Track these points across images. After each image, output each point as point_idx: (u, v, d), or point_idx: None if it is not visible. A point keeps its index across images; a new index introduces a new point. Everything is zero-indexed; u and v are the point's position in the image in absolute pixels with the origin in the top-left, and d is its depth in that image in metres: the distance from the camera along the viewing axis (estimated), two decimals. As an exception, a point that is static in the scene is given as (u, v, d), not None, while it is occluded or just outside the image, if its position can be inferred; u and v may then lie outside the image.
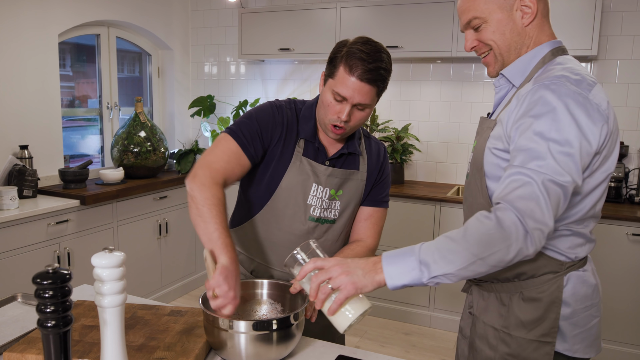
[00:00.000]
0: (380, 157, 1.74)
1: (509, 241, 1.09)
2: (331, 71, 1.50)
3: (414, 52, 3.74)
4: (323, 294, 1.18)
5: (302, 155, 1.61)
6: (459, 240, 1.12)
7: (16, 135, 3.40)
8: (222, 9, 4.74)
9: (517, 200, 1.10)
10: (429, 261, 1.12)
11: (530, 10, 1.28)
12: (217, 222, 1.39)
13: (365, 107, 1.52)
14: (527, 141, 1.16)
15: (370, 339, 3.59)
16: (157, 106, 4.84)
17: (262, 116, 1.59)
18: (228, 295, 1.29)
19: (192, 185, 1.45)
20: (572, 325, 1.31)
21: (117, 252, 1.04)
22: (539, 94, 1.19)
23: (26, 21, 3.39)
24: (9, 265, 2.90)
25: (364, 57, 1.44)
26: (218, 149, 1.53)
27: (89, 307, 1.51)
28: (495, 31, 1.30)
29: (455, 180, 4.14)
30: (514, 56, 1.33)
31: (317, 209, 1.62)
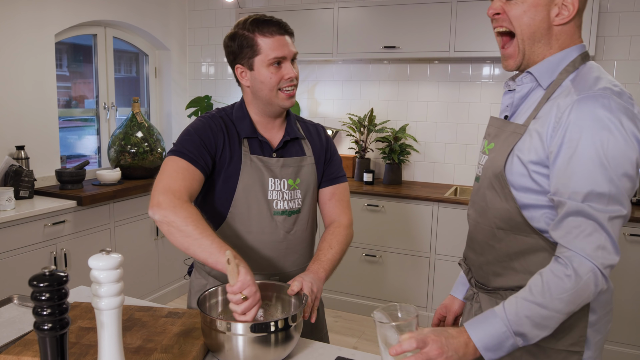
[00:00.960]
0: (322, 137, 1.78)
1: (590, 288, 1.12)
2: (251, 52, 1.55)
3: (412, 52, 3.74)
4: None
5: (250, 154, 1.61)
6: (549, 305, 1.12)
7: (13, 136, 3.40)
8: (220, 9, 4.73)
9: (587, 247, 1.11)
10: (524, 332, 1.13)
11: (568, 12, 1.22)
12: (209, 235, 1.37)
13: (295, 58, 1.61)
14: (584, 169, 1.13)
15: (367, 339, 3.59)
16: (154, 106, 4.84)
17: (199, 129, 1.59)
18: (256, 296, 1.30)
19: (161, 212, 1.39)
20: (596, 332, 1.29)
21: (114, 253, 1.04)
22: (587, 108, 1.14)
23: (23, 21, 3.38)
24: (5, 266, 2.89)
25: (267, 19, 1.55)
26: (169, 171, 1.49)
27: (86, 309, 1.50)
28: (527, 12, 1.23)
29: (453, 180, 4.14)
30: (535, 51, 1.26)
31: (280, 202, 1.63)
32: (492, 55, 3.54)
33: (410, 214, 3.69)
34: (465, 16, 3.55)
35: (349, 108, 4.40)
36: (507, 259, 1.31)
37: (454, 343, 1.14)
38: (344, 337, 3.59)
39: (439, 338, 1.13)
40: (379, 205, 3.75)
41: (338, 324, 3.79)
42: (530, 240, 1.26)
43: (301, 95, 4.52)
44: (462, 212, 3.53)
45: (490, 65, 3.92)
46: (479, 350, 1.14)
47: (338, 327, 3.74)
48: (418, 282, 3.75)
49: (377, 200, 3.75)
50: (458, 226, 3.56)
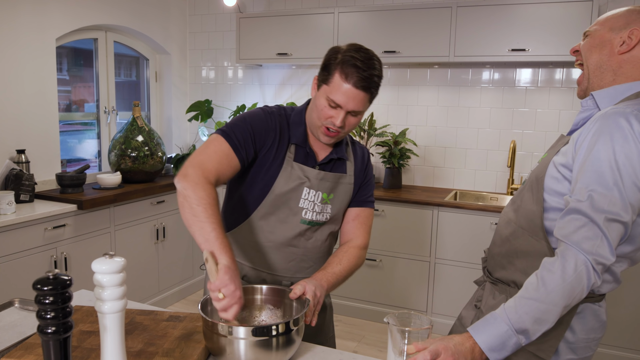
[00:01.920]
0: (365, 160, 1.79)
1: (582, 282, 1.16)
2: (325, 78, 1.53)
3: (412, 57, 3.76)
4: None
5: (294, 161, 1.62)
6: (545, 299, 1.17)
7: (13, 140, 3.40)
8: (220, 13, 4.75)
9: (582, 242, 1.16)
10: (525, 328, 1.17)
11: (631, 41, 1.30)
12: (213, 222, 1.39)
13: (358, 113, 1.55)
14: (593, 169, 1.19)
15: (368, 343, 3.59)
16: (155, 110, 4.85)
17: (255, 121, 1.60)
18: (235, 294, 1.29)
19: (184, 183, 1.43)
20: (570, 350, 1.33)
21: (117, 257, 1.04)
22: (612, 118, 1.21)
23: (24, 25, 3.39)
24: (5, 270, 2.90)
25: (358, 65, 1.47)
26: (210, 149, 1.53)
27: (87, 313, 1.50)
28: (591, 43, 1.36)
29: (453, 184, 4.15)
30: (600, 80, 1.35)
31: (309, 212, 1.64)
32: (491, 60, 3.55)
33: (410, 218, 3.70)
34: (465, 21, 3.57)
35: (349, 112, 4.40)
36: (514, 255, 1.38)
37: (462, 350, 1.18)
38: (344, 341, 3.59)
39: (449, 346, 1.17)
40: (379, 210, 3.76)
41: (338, 327, 3.79)
42: (537, 245, 1.32)
43: (301, 99, 4.54)
44: (462, 216, 3.54)
45: (490, 70, 3.93)
46: (484, 351, 1.18)
47: (338, 330, 3.74)
48: (418, 286, 3.75)
49: (378, 204, 3.76)
50: (458, 230, 3.56)
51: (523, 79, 3.85)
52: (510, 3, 3.45)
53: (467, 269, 3.57)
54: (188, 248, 4.37)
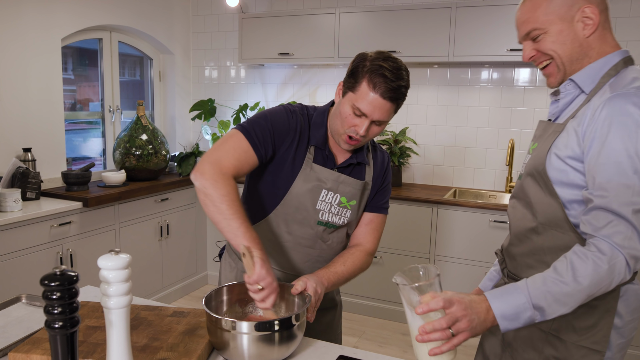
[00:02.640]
0: (385, 165, 1.76)
1: (613, 275, 1.14)
2: (352, 85, 1.49)
3: (412, 56, 3.79)
4: (443, 336, 1.13)
5: (313, 162, 1.61)
6: (571, 283, 1.14)
7: (20, 138, 3.45)
8: (223, 14, 4.79)
9: (614, 235, 1.14)
10: (543, 305, 1.15)
11: (592, 21, 1.27)
12: (240, 217, 1.41)
13: (382, 122, 1.53)
14: (610, 161, 1.16)
15: (368, 339, 3.64)
16: (159, 109, 4.89)
17: (276, 119, 1.59)
18: (272, 285, 1.34)
19: (202, 181, 1.44)
20: (619, 335, 1.31)
21: (123, 254, 1.05)
22: (619, 104, 1.18)
23: (30, 26, 3.44)
24: (12, 266, 2.94)
25: (387, 75, 1.44)
26: (228, 145, 1.52)
27: (93, 308, 1.52)
28: (556, 41, 1.31)
29: (452, 182, 4.19)
30: (577, 66, 1.33)
31: (326, 213, 1.64)
32: (490, 59, 3.59)
33: (410, 216, 3.74)
34: (464, 21, 3.60)
35: (350, 111, 4.44)
36: (542, 252, 1.35)
37: (477, 307, 1.16)
38: (345, 337, 3.63)
39: (464, 300, 1.16)
40: (379, 207, 3.79)
41: (339, 324, 3.84)
42: (566, 238, 1.30)
43: (303, 99, 4.57)
44: (461, 213, 3.58)
45: (489, 70, 3.97)
46: (496, 317, 1.16)
47: (339, 327, 3.79)
48: (418, 283, 3.78)
49: (378, 202, 3.79)
50: (457, 227, 3.60)
51: (521, 79, 3.88)
52: (508, 4, 3.48)
53: (466, 266, 3.61)
54: (191, 245, 4.42)
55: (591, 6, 1.27)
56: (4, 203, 2.95)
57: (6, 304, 1.67)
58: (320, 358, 1.40)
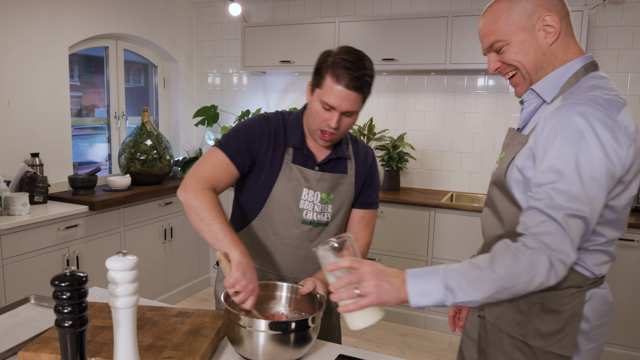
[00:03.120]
0: (369, 160, 1.79)
1: (533, 274, 1.11)
2: (318, 81, 1.54)
3: (409, 64, 3.86)
4: (348, 295, 1.19)
5: (292, 163, 1.65)
6: (485, 269, 1.13)
7: (28, 144, 3.51)
8: (226, 22, 4.87)
9: (543, 235, 1.12)
10: (454, 287, 1.14)
11: (553, 29, 1.27)
12: (220, 221, 1.46)
13: (352, 113, 1.56)
14: (552, 169, 1.15)
15: (367, 339, 3.70)
16: (163, 115, 4.96)
17: (249, 128, 1.65)
18: (248, 288, 1.37)
19: (185, 195, 1.52)
20: (587, 340, 1.30)
21: (130, 255, 1.08)
22: (565, 113, 1.17)
23: (38, 34, 3.51)
24: (20, 268, 2.99)
25: (349, 66, 1.48)
26: (206, 160, 1.60)
27: (99, 309, 1.55)
28: (519, 52, 1.29)
29: (449, 187, 4.25)
30: (542, 74, 1.31)
31: (310, 212, 1.67)
32: (485, 67, 3.59)
33: (408, 219, 3.80)
34: (460, 30, 3.67)
35: (350, 117, 4.50)
36: None
37: (391, 277, 1.18)
38: (344, 338, 3.68)
39: (376, 266, 1.20)
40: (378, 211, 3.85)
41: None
42: None
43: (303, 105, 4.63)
44: (457, 217, 3.64)
45: (485, 77, 4.04)
46: (408, 290, 1.16)
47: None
48: (415, 285, 3.83)
49: (376, 206, 3.85)
50: (454, 231, 3.67)
51: (517, 86, 3.94)
52: (503, 13, 3.55)
53: (462, 268, 3.66)
54: (195, 247, 4.47)
55: (551, 14, 1.26)
56: (12, 206, 3.00)
57: (15, 305, 1.70)
58: (320, 357, 1.42)
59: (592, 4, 3.61)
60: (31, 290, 2.97)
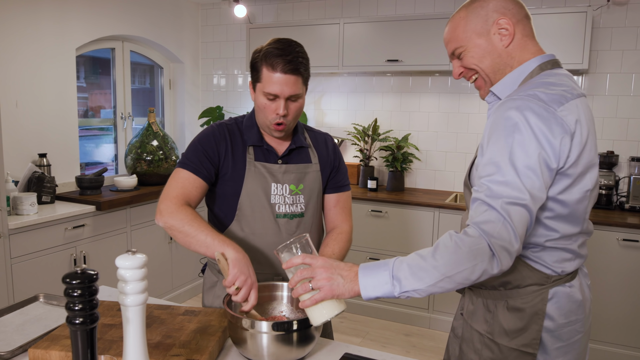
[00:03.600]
0: (329, 146, 1.83)
1: (474, 261, 1.14)
2: (256, 76, 1.61)
3: (414, 65, 3.88)
4: (302, 290, 1.26)
5: (255, 160, 1.69)
6: (428, 258, 1.17)
7: (35, 144, 3.54)
8: (231, 24, 4.90)
9: (483, 223, 1.15)
10: (400, 277, 1.18)
11: (508, 32, 1.32)
12: (203, 229, 1.48)
13: (297, 97, 1.61)
14: (488, 160, 1.21)
15: (372, 339, 3.71)
16: (169, 116, 4.99)
17: (204, 138, 1.69)
18: (247, 283, 1.38)
19: (162, 219, 1.54)
20: (555, 338, 1.32)
21: (139, 254, 1.09)
22: (502, 109, 1.23)
23: (46, 36, 3.55)
24: (29, 267, 3.02)
25: (280, 53, 1.55)
26: (173, 182, 1.62)
27: (108, 307, 1.56)
28: (475, 56, 1.35)
29: (453, 187, 4.27)
30: (500, 76, 1.36)
31: (282, 205, 1.69)
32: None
33: (412, 220, 3.81)
34: (464, 31, 3.68)
35: (354, 118, 4.54)
36: None
37: (343, 270, 1.25)
38: (349, 337, 3.72)
39: (328, 261, 1.27)
40: (382, 211, 3.88)
41: (343, 324, 3.92)
42: None
43: (308, 106, 4.66)
44: (462, 217, 3.64)
45: (489, 78, 4.04)
46: (359, 283, 1.22)
47: (343, 327, 3.87)
48: (419, 285, 3.85)
49: (381, 206, 3.88)
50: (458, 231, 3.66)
51: (521, 86, 3.95)
52: (507, 14, 3.57)
53: (466, 269, 3.68)
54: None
55: (505, 17, 1.32)
56: (20, 206, 3.03)
57: (24, 303, 1.72)
58: (325, 356, 1.42)
59: (595, 5, 3.62)
60: (39, 289, 3.00)
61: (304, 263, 1.28)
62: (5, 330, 1.53)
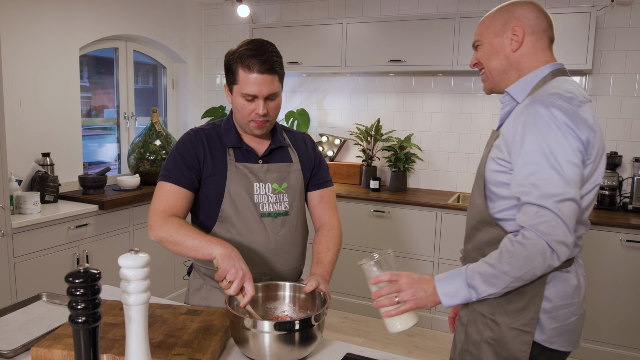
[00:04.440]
0: (308, 145, 1.86)
1: (538, 260, 1.28)
2: (232, 78, 1.62)
3: (417, 65, 3.88)
4: (389, 302, 1.40)
5: (235, 162, 1.70)
6: (497, 266, 1.32)
7: (39, 144, 3.55)
8: (234, 24, 4.91)
9: (539, 225, 1.27)
10: (475, 285, 1.35)
11: (518, 39, 1.46)
12: (191, 234, 1.51)
13: (275, 95, 1.63)
14: (530, 160, 1.31)
15: (374, 339, 3.71)
16: (172, 116, 5.00)
17: (181, 146, 1.69)
18: (238, 274, 1.38)
19: (153, 233, 1.57)
20: (551, 319, 1.42)
21: (142, 253, 1.10)
22: (533, 109, 1.33)
23: (50, 36, 3.56)
24: (32, 266, 3.03)
25: (254, 54, 1.56)
26: (157, 196, 1.64)
27: (110, 306, 1.57)
28: (486, 52, 1.51)
29: (456, 188, 4.27)
30: (504, 77, 1.51)
31: (265, 204, 1.70)
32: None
33: (414, 220, 3.81)
34: (467, 31, 3.69)
35: (357, 118, 4.54)
36: (482, 246, 1.50)
37: (424, 284, 1.40)
38: (351, 337, 3.72)
39: (412, 276, 1.41)
40: (384, 211, 3.88)
41: (345, 324, 3.92)
42: (495, 232, 1.45)
43: (311, 106, 4.68)
44: (464, 218, 3.61)
45: (492, 78, 4.04)
46: (439, 294, 1.38)
47: (345, 327, 3.87)
48: (422, 286, 3.85)
49: (383, 206, 3.89)
50: (461, 231, 3.65)
51: (524, 87, 3.95)
52: (510, 14, 3.57)
53: (468, 269, 3.67)
54: (202, 248, 4.49)
55: (520, 26, 1.46)
56: (23, 205, 3.05)
57: (27, 302, 1.72)
58: (327, 356, 1.43)
59: (599, 5, 3.61)
60: (42, 288, 3.01)
61: (390, 280, 1.41)
62: (8, 329, 1.54)
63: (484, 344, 1.48)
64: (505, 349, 1.44)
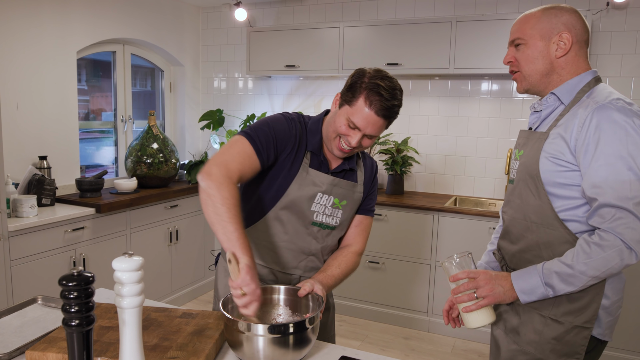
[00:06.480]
0: (373, 171, 1.86)
1: (615, 260, 1.34)
2: (349, 99, 1.58)
3: (414, 69, 3.89)
4: (468, 298, 1.50)
5: (309, 167, 1.68)
6: (574, 266, 1.37)
7: (36, 146, 3.55)
8: (232, 27, 4.91)
9: (618, 227, 1.32)
10: (552, 284, 1.41)
11: (565, 46, 1.49)
12: (236, 222, 1.42)
13: (373, 136, 1.62)
14: (605, 163, 1.34)
15: (371, 342, 3.71)
16: (169, 119, 5.00)
17: (278, 126, 1.64)
18: (255, 292, 1.35)
19: (208, 182, 1.46)
20: (607, 314, 1.49)
21: (136, 256, 1.09)
22: (605, 113, 1.37)
23: (47, 38, 3.56)
24: (28, 269, 3.02)
25: (383, 94, 1.53)
26: (234, 150, 1.56)
27: (105, 309, 1.57)
28: (529, 53, 1.53)
29: (453, 191, 4.27)
30: (545, 80, 1.54)
31: (320, 214, 1.71)
32: (489, 72, 3.68)
33: (411, 223, 3.82)
34: (464, 35, 3.70)
35: (354, 121, 4.53)
36: (537, 248, 1.52)
37: (501, 280, 1.49)
38: (348, 340, 3.72)
39: (489, 273, 1.50)
40: (382, 214, 3.89)
41: (342, 327, 3.92)
42: (556, 233, 1.47)
43: (308, 109, 4.68)
44: (461, 221, 3.66)
45: (488, 81, 4.06)
46: (516, 291, 1.46)
47: (342, 330, 3.87)
48: (419, 288, 3.87)
49: (380, 209, 3.88)
50: (457, 234, 3.68)
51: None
52: (506, 18, 3.59)
53: (465, 272, 3.68)
54: (200, 250, 4.50)
55: (568, 34, 1.49)
56: (20, 209, 3.04)
57: (22, 305, 1.72)
58: (322, 358, 1.43)
59: (595, 9, 3.63)
60: (38, 291, 3.01)
61: (468, 277, 1.51)
62: (3, 333, 1.53)
63: (544, 343, 1.52)
64: (566, 345, 1.49)
